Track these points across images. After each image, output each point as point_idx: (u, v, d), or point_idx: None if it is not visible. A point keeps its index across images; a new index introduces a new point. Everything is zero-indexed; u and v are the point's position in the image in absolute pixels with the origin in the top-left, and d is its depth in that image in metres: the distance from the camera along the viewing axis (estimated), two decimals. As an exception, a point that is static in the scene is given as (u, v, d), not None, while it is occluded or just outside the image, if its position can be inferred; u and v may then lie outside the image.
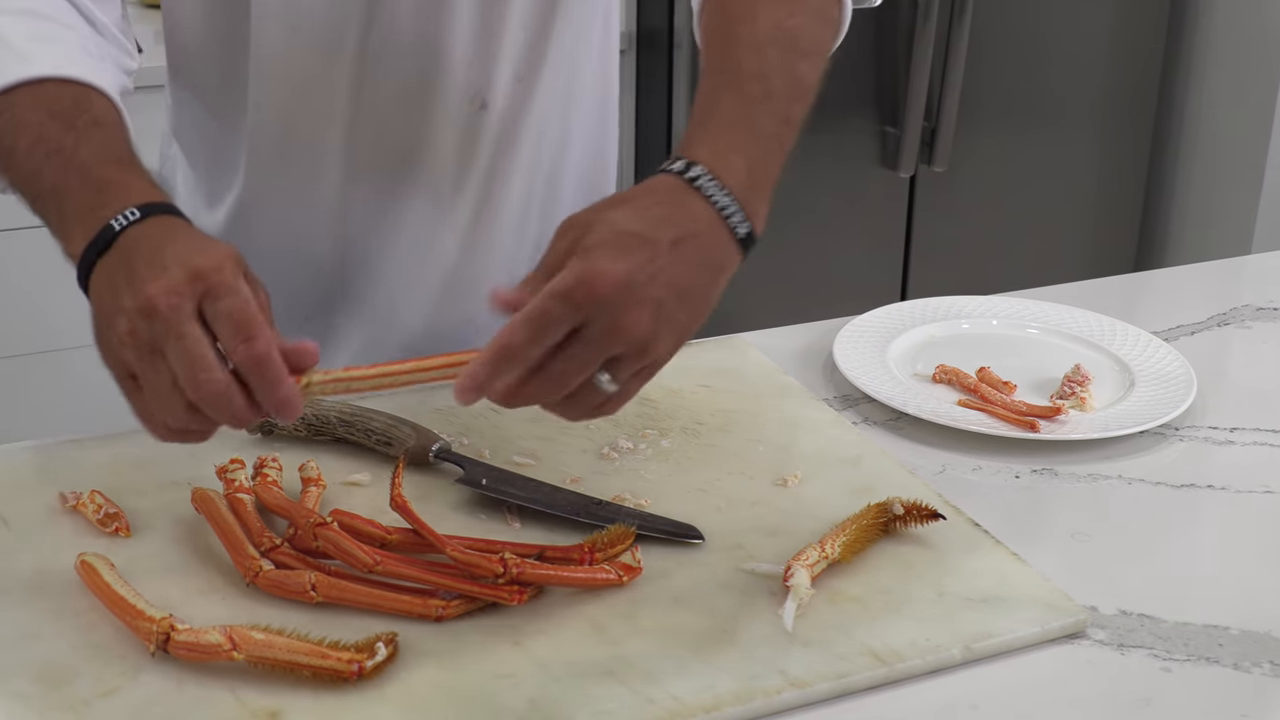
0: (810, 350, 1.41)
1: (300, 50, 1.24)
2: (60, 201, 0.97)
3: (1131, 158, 3.26)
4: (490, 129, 1.31)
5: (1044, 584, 1.02)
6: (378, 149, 1.30)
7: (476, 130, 1.30)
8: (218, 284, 0.88)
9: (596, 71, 1.40)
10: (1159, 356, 1.38)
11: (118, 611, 0.93)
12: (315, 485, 1.08)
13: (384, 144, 1.29)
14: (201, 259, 0.89)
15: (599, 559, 1.01)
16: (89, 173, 0.97)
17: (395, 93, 1.27)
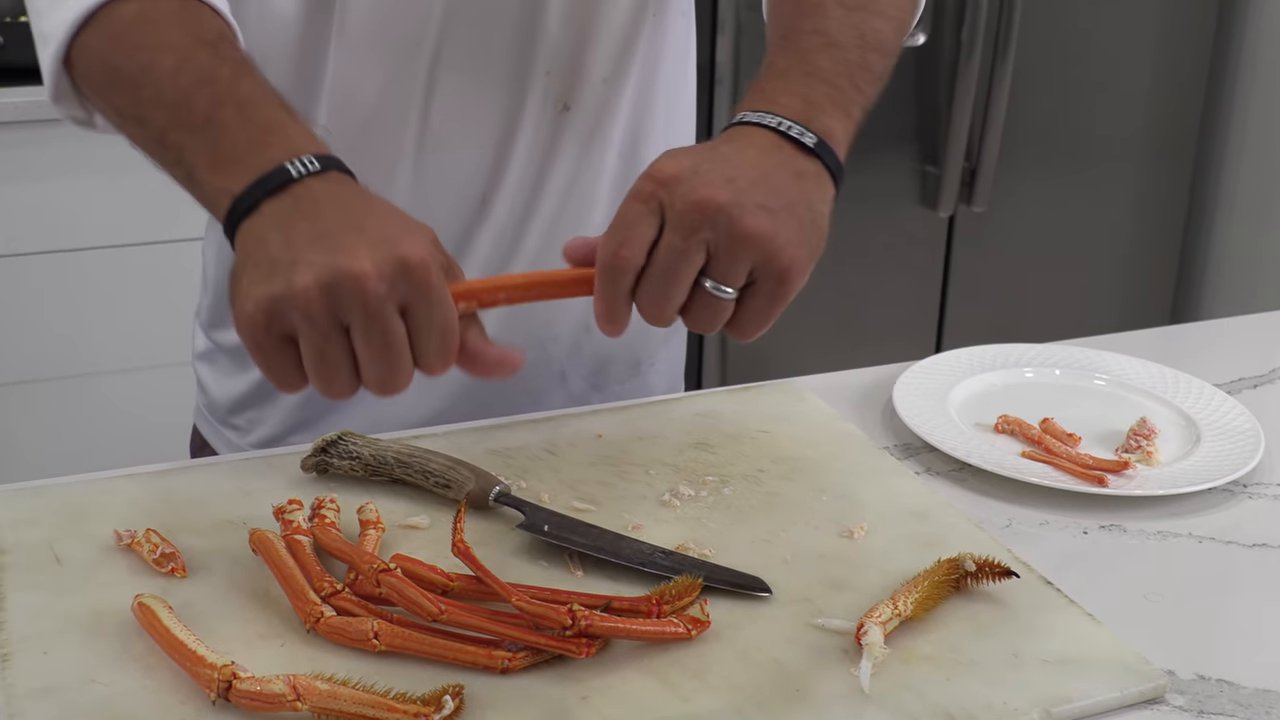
0: (869, 396, 1.39)
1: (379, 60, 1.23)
2: (214, 136, 0.89)
3: (1171, 202, 3.24)
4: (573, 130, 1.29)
5: (1121, 646, 1.00)
6: (453, 161, 1.28)
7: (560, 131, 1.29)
8: (429, 288, 0.84)
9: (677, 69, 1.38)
10: (1224, 410, 1.36)
11: (177, 657, 0.91)
12: (374, 528, 1.06)
13: (459, 153, 1.28)
14: (411, 246, 0.84)
15: (666, 611, 0.98)
16: (251, 109, 0.90)
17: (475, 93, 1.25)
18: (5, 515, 1.09)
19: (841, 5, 1.05)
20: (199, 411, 1.50)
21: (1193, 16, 3.09)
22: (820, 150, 0.95)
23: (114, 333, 2.68)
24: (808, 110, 0.97)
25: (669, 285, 0.90)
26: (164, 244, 2.64)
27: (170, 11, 0.97)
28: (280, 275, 0.83)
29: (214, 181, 0.90)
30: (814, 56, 1.00)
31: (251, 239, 0.86)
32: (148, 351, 2.70)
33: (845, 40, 1.02)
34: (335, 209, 0.85)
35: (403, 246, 0.84)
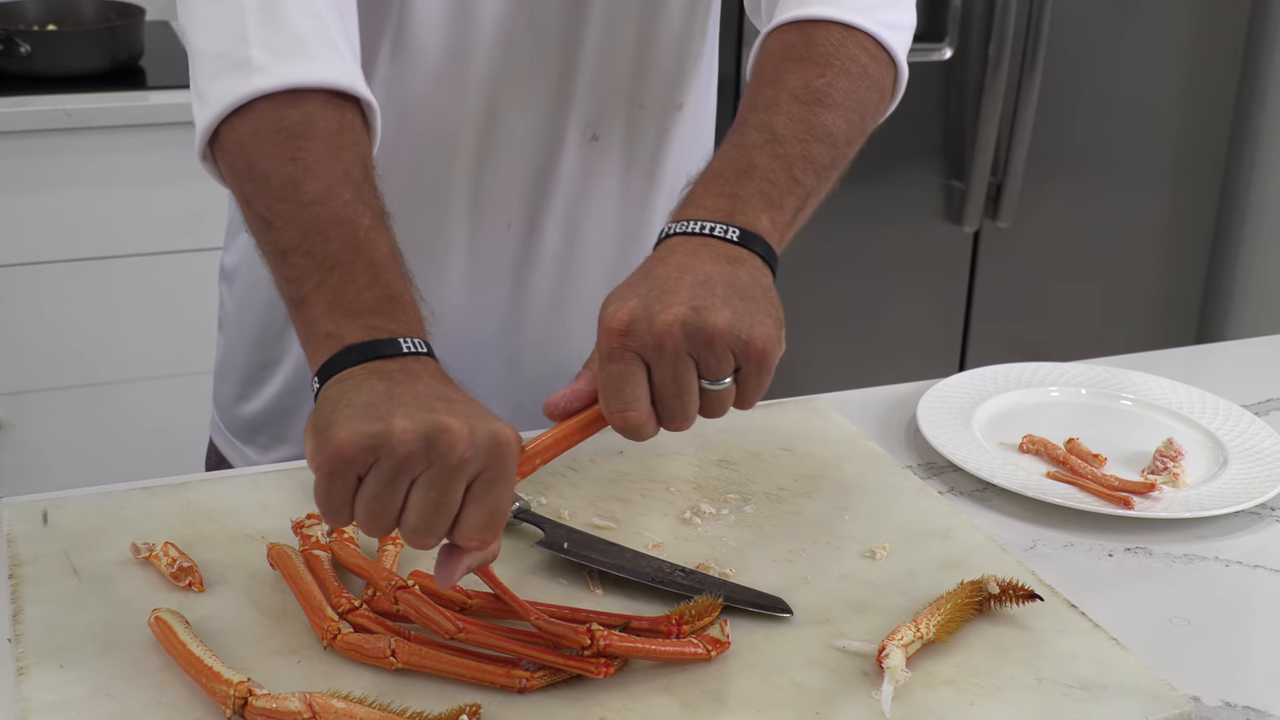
0: (892, 414, 1.38)
1: (418, 74, 1.23)
2: (341, 283, 0.93)
3: (1198, 219, 3.22)
4: (601, 160, 1.31)
5: (1145, 672, 0.98)
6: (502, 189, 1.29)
7: (590, 162, 1.30)
8: (507, 466, 0.87)
9: (702, 90, 1.39)
10: (1252, 432, 1.35)
11: (193, 672, 0.90)
12: (392, 544, 1.05)
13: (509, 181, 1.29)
14: (501, 429, 0.87)
15: (686, 631, 0.97)
16: (383, 272, 0.94)
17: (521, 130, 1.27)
18: (24, 527, 1.09)
19: (796, 100, 1.08)
20: (216, 426, 1.49)
21: (1222, 33, 3.08)
22: (745, 241, 0.99)
23: (134, 342, 2.68)
24: (732, 207, 1.01)
25: (682, 404, 0.95)
26: (184, 253, 2.64)
27: (328, 130, 0.98)
28: (380, 420, 0.85)
29: (327, 325, 0.92)
30: (753, 153, 1.04)
31: (350, 384, 0.88)
32: (167, 361, 2.70)
33: (788, 134, 1.05)
34: (434, 384, 0.89)
35: (494, 424, 0.87)
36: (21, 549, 1.06)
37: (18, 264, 2.56)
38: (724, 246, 0.98)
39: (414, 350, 0.91)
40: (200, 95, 1.01)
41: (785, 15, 1.14)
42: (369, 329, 0.91)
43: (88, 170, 2.53)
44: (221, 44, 1.00)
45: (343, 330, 0.91)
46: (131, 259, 2.62)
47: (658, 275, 0.96)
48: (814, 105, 1.08)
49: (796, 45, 1.12)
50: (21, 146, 2.49)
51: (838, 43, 1.12)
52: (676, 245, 0.99)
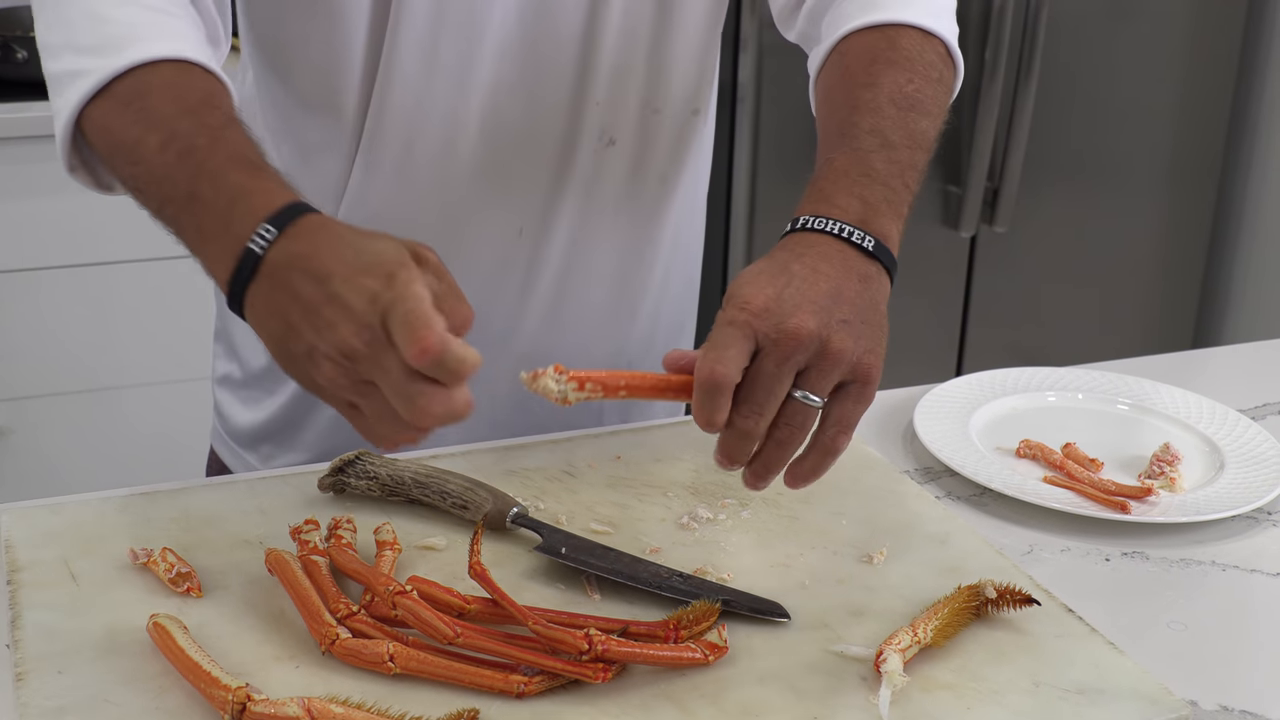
0: (889, 419, 1.38)
1: (430, 80, 1.23)
2: (195, 213, 0.95)
3: (1195, 224, 3.22)
4: (616, 165, 1.32)
5: (1143, 675, 0.98)
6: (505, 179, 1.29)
7: (603, 166, 1.31)
8: (391, 301, 0.86)
9: (711, 95, 1.40)
10: (1248, 436, 1.35)
11: (192, 678, 0.90)
12: (391, 549, 1.05)
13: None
14: (372, 277, 0.86)
15: (684, 636, 0.97)
16: (220, 180, 0.94)
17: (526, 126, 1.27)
18: (22, 533, 1.09)
19: (895, 105, 1.10)
20: (217, 435, 1.49)
21: (1218, 37, 3.08)
22: (879, 252, 1.02)
23: (134, 348, 2.68)
24: (865, 212, 1.03)
25: (765, 403, 0.96)
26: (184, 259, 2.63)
27: (163, 81, 1.01)
28: (302, 370, 0.89)
29: (204, 261, 0.95)
30: (870, 158, 1.06)
31: (256, 325, 0.92)
32: (167, 367, 2.71)
33: (898, 140, 1.08)
34: (308, 278, 0.89)
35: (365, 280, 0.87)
36: (20, 554, 1.06)
37: (17, 269, 2.57)
38: (858, 259, 1.01)
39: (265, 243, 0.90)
40: (55, 112, 1.04)
41: (864, 20, 1.17)
42: (226, 253, 0.92)
43: (85, 176, 2.54)
44: (60, 64, 1.04)
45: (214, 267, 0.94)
46: (131, 265, 2.62)
47: (794, 272, 0.98)
48: (910, 111, 1.11)
49: (883, 49, 1.15)
50: (19, 152, 2.49)
51: (919, 48, 1.15)
52: (814, 242, 1.01)
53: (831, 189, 1.05)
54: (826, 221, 1.02)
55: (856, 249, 1.01)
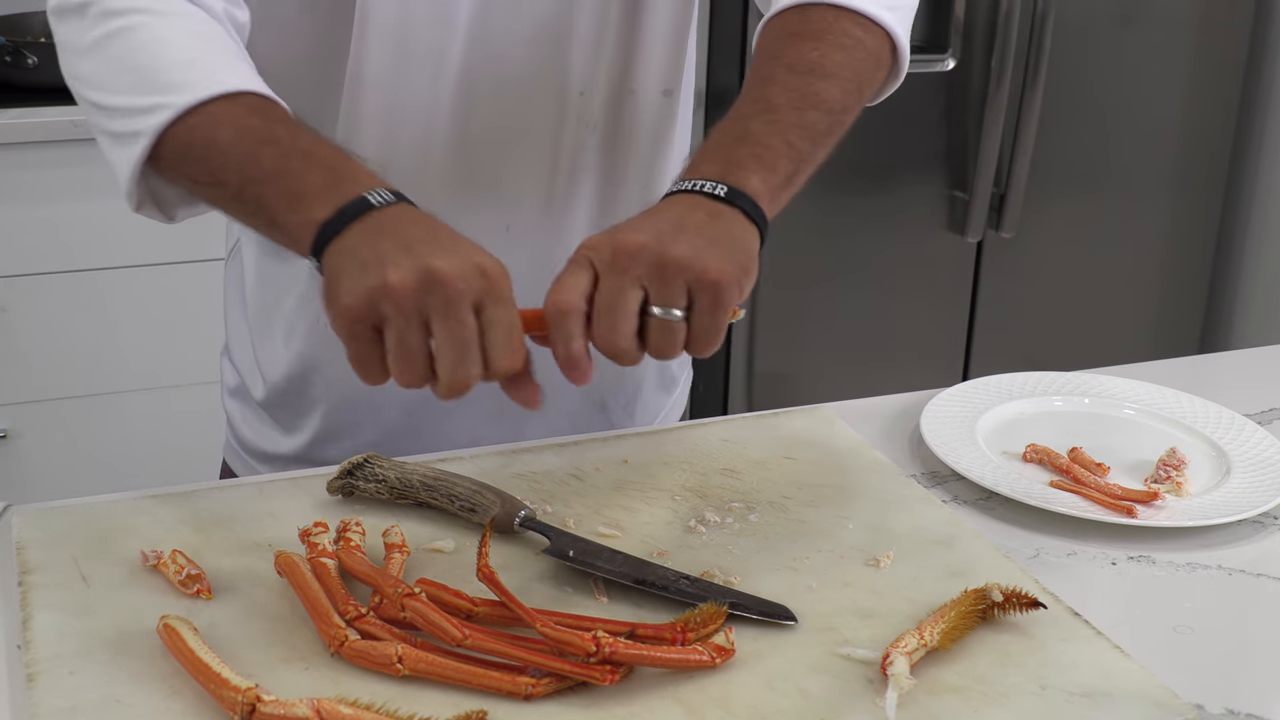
0: (896, 423, 1.38)
1: (403, 75, 1.24)
2: (289, 182, 1.00)
3: (1201, 230, 3.22)
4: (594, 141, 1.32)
5: (1149, 679, 0.99)
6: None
7: (589, 155, 1.32)
8: (502, 290, 0.95)
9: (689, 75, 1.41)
10: (1254, 441, 1.35)
11: (202, 679, 0.91)
12: (399, 551, 1.06)
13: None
14: (487, 260, 0.95)
15: (691, 639, 0.98)
16: (316, 157, 1.01)
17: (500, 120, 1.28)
18: (32, 535, 1.09)
19: (791, 71, 1.13)
20: (231, 449, 1.49)
21: (1224, 44, 3.08)
22: (733, 197, 1.03)
23: (138, 352, 2.69)
24: (725, 170, 1.05)
25: (615, 318, 0.98)
26: (188, 264, 2.65)
27: (225, 104, 1.06)
28: (374, 273, 0.93)
29: (295, 219, 0.99)
30: (748, 122, 1.09)
31: (341, 254, 0.96)
32: (171, 372, 2.71)
33: (783, 103, 1.11)
34: (415, 227, 0.96)
35: (480, 258, 0.95)
36: (31, 556, 1.06)
37: (23, 274, 2.57)
38: (709, 202, 1.03)
39: (382, 200, 0.98)
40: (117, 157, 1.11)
41: (784, 3, 1.19)
42: (332, 202, 0.98)
43: (93, 181, 2.54)
44: (117, 100, 1.09)
45: (311, 214, 0.98)
46: (136, 270, 2.63)
47: (641, 216, 1.02)
48: (808, 75, 1.13)
49: (792, 23, 1.18)
50: (28, 157, 2.50)
51: (832, 19, 1.17)
52: (668, 202, 1.04)
53: (699, 160, 1.08)
54: (682, 183, 1.05)
55: (708, 197, 1.03)
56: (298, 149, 1.02)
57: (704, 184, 1.04)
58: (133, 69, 1.09)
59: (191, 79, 1.07)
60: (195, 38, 1.10)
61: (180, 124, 1.06)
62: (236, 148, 1.03)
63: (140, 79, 1.08)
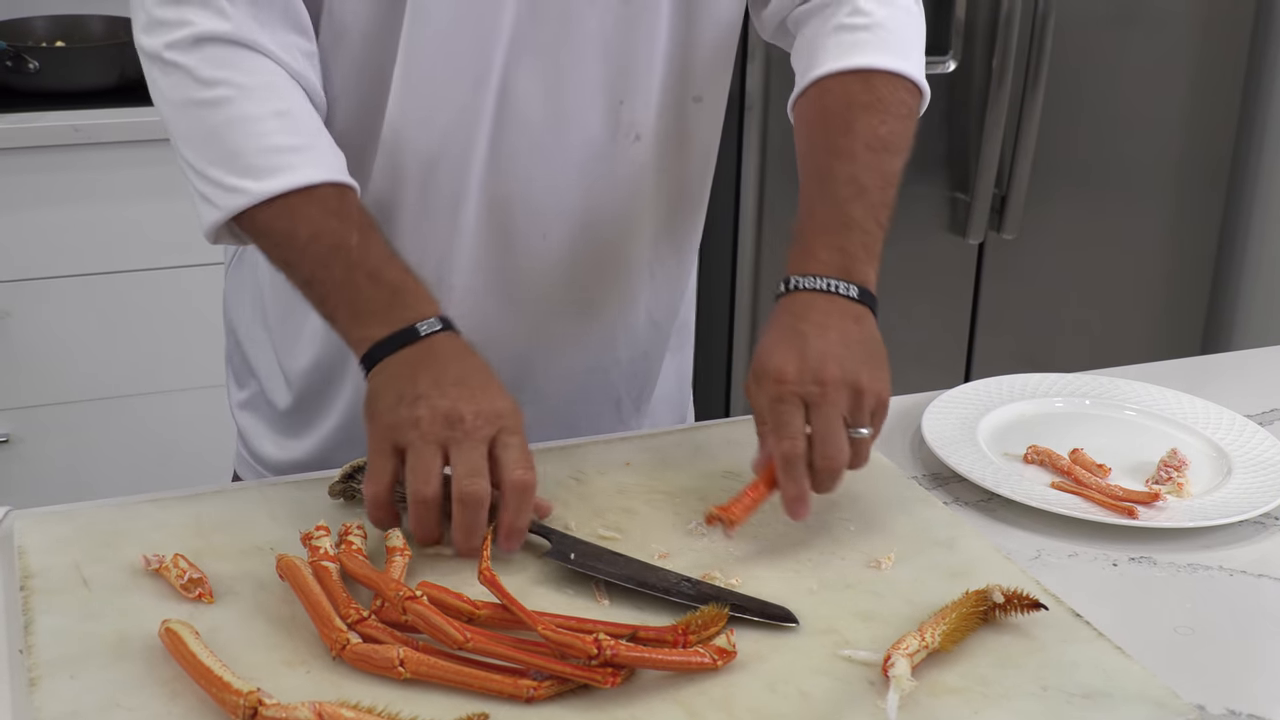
0: (897, 424, 1.38)
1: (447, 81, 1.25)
2: (353, 296, 1.14)
3: (1203, 231, 3.22)
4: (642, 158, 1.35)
5: (1150, 680, 0.99)
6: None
7: (627, 162, 1.34)
8: (514, 427, 1.09)
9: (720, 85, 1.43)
10: (1255, 441, 1.35)
11: (203, 683, 0.91)
12: (401, 554, 1.06)
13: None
14: (505, 403, 1.10)
15: (692, 641, 0.98)
16: (380, 276, 1.14)
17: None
18: (34, 539, 1.10)
19: (869, 149, 1.23)
20: (243, 461, 1.49)
21: (1225, 45, 3.08)
22: (863, 297, 1.18)
23: (141, 356, 2.69)
24: (845, 262, 1.18)
25: (838, 444, 1.11)
26: (192, 268, 2.65)
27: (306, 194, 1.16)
28: (408, 407, 1.08)
29: (355, 332, 1.13)
30: (848, 207, 1.20)
31: (385, 376, 1.10)
32: (175, 375, 2.71)
33: (872, 184, 1.22)
34: (451, 366, 1.10)
35: (499, 402, 1.10)
36: (32, 561, 1.07)
37: (27, 279, 2.57)
38: (848, 305, 1.17)
39: (429, 330, 1.11)
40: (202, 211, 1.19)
41: (844, 64, 1.27)
42: (387, 325, 1.11)
43: (96, 186, 2.55)
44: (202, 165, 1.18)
45: (368, 333, 1.12)
46: (139, 274, 2.63)
47: (804, 333, 1.14)
48: (883, 153, 1.24)
49: (858, 92, 1.26)
50: (30, 162, 2.50)
51: (892, 89, 1.27)
52: (809, 302, 1.16)
53: (814, 243, 1.19)
54: (815, 279, 1.17)
55: (845, 299, 1.16)
56: (365, 264, 1.14)
57: (837, 284, 1.17)
58: (219, 143, 1.17)
59: (273, 166, 1.15)
60: (280, 118, 1.17)
61: (259, 209, 1.16)
62: (311, 247, 1.15)
63: (225, 154, 1.16)
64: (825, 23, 1.31)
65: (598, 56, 1.27)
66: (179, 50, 1.17)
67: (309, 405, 1.40)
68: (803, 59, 1.32)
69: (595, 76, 1.28)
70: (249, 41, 1.17)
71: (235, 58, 1.17)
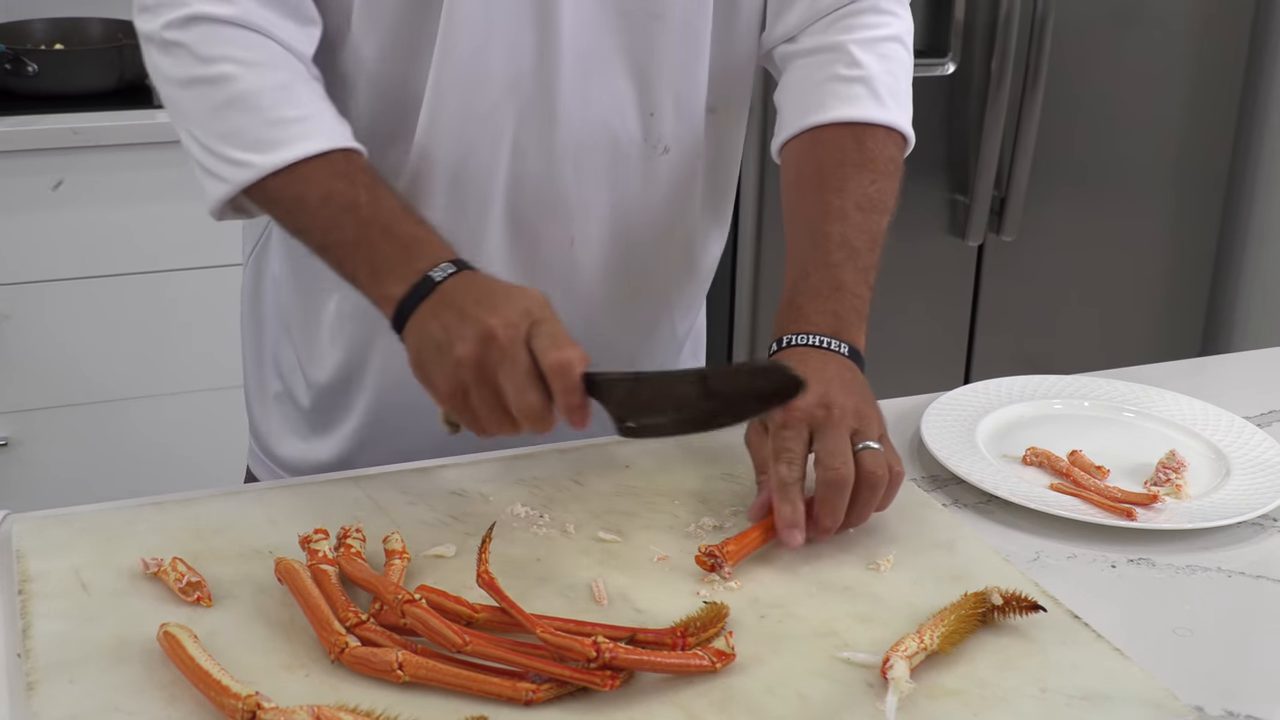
0: (896, 426, 1.37)
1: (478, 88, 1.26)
2: (369, 254, 1.15)
3: (1202, 232, 3.22)
4: (668, 169, 1.36)
5: (1148, 681, 0.99)
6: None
7: (655, 173, 1.35)
8: (544, 316, 1.09)
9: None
10: (1254, 443, 1.35)
11: (202, 686, 0.91)
12: (399, 558, 1.06)
13: None
14: (527, 299, 1.10)
15: (691, 643, 0.98)
16: (392, 230, 1.15)
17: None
18: (33, 543, 1.10)
19: (860, 209, 1.27)
20: (259, 461, 1.49)
21: (1224, 45, 3.08)
22: (852, 355, 1.21)
23: (140, 359, 2.68)
24: (836, 324, 1.22)
25: (842, 461, 1.12)
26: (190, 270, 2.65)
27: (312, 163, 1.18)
28: (447, 354, 1.09)
29: (376, 290, 1.15)
30: (840, 271, 1.24)
31: (418, 334, 1.12)
32: (174, 378, 2.71)
33: (862, 245, 1.26)
34: (470, 294, 1.10)
35: (522, 300, 1.10)
36: (31, 564, 1.07)
37: (25, 282, 2.57)
38: (839, 358, 1.20)
39: (444, 275, 1.12)
40: (207, 187, 1.21)
41: (837, 115, 1.32)
42: (404, 279, 1.13)
43: (95, 188, 2.55)
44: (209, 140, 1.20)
45: (389, 290, 1.13)
46: (138, 276, 2.63)
47: (808, 369, 1.14)
48: (872, 212, 1.28)
49: (850, 150, 1.30)
50: (29, 165, 2.50)
51: (881, 145, 1.31)
52: (805, 353, 1.20)
53: (807, 307, 1.23)
54: (807, 337, 1.20)
55: (837, 354, 1.20)
56: (377, 222, 1.15)
57: (830, 341, 1.20)
58: (224, 119, 1.18)
59: (279, 139, 1.17)
60: (282, 91, 1.19)
61: (267, 180, 1.17)
62: (322, 210, 1.17)
63: (230, 130, 1.18)
64: (819, 69, 1.34)
65: (630, 69, 1.29)
66: (177, 28, 1.18)
67: (331, 403, 1.41)
68: (794, 102, 1.35)
69: (628, 89, 1.30)
70: (238, 19, 1.18)
71: (234, 35, 1.18)
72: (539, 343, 1.07)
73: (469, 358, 1.07)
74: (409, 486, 1.21)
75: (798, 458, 1.13)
